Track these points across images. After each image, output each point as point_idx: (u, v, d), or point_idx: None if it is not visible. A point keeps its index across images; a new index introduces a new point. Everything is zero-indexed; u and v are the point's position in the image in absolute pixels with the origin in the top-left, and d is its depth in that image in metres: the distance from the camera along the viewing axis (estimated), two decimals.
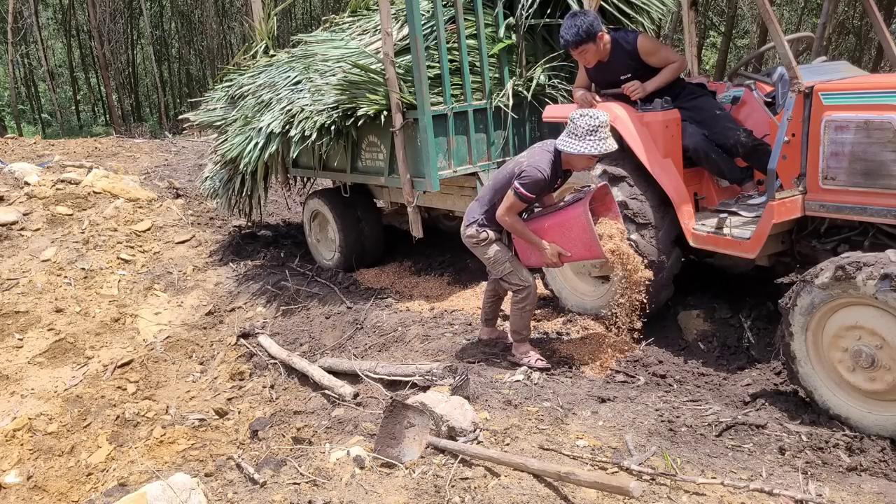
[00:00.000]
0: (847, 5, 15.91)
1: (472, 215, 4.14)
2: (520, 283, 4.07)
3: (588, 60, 4.31)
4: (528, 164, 3.82)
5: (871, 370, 3.00)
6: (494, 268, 4.15)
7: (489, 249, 4.09)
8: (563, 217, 3.87)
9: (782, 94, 3.86)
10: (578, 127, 3.67)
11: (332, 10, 20.16)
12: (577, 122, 3.68)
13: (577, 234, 3.79)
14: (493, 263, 4.13)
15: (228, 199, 7.16)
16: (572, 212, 3.83)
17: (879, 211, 3.26)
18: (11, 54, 22.23)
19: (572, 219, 3.81)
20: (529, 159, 3.86)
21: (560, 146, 3.78)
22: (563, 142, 3.75)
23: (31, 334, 6.10)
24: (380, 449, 3.13)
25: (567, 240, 3.85)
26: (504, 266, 4.07)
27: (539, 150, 3.93)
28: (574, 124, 3.69)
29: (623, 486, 2.46)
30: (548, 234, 3.90)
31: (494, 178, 4.14)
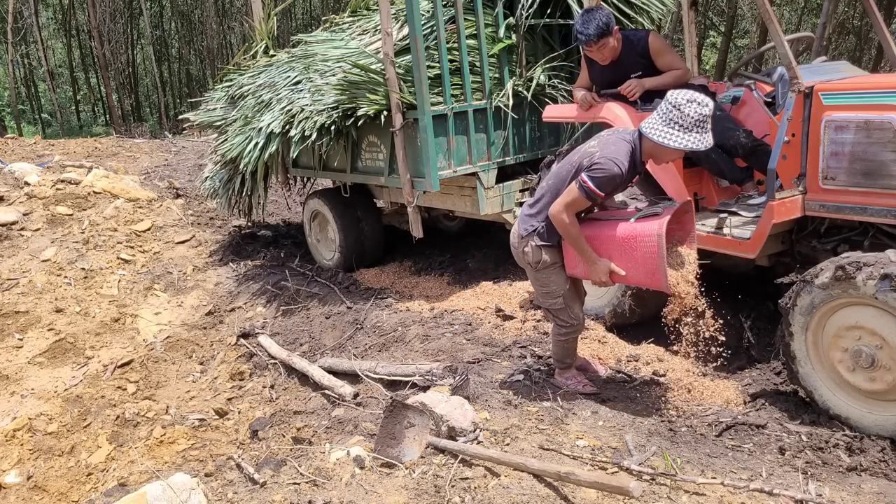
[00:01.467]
0: (847, 5, 15.92)
1: (528, 224, 3.43)
2: (568, 322, 3.53)
3: (605, 56, 4.27)
4: (602, 154, 3.13)
5: (871, 370, 3.00)
6: (544, 298, 3.55)
7: (545, 276, 3.44)
8: (631, 232, 3.19)
9: (782, 94, 3.86)
10: (686, 115, 2.98)
11: (332, 10, 20.16)
12: (684, 109, 2.98)
13: (641, 255, 3.16)
14: (545, 294, 3.51)
15: (228, 199, 7.17)
16: (644, 229, 3.15)
17: (879, 211, 3.26)
18: (11, 54, 22.23)
19: (642, 237, 3.14)
20: (603, 149, 3.16)
21: (654, 135, 3.07)
22: (660, 131, 3.05)
23: (31, 334, 6.10)
24: (380, 449, 3.13)
25: (627, 258, 3.20)
26: (557, 300, 3.49)
27: (615, 138, 3.23)
28: (679, 111, 2.99)
29: (623, 486, 2.46)
30: (604, 245, 3.26)
31: (555, 174, 3.39)
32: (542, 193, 3.41)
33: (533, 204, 3.47)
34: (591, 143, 3.31)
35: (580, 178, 3.14)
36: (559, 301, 3.49)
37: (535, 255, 3.39)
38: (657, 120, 3.09)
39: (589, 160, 3.16)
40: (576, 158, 3.29)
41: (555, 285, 3.46)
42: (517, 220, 3.53)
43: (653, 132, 3.08)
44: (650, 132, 3.09)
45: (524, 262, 3.48)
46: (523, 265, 3.53)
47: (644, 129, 3.13)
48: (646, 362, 4.03)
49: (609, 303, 4.41)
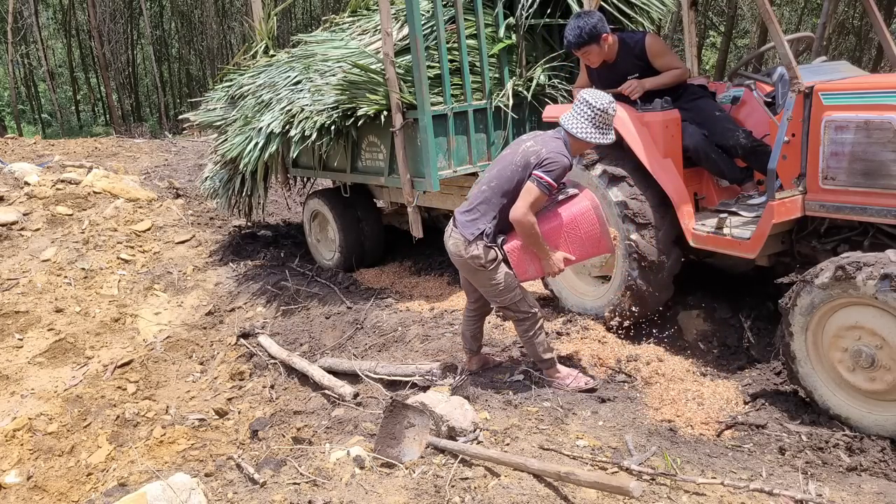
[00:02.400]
0: (847, 5, 15.92)
1: (473, 228, 3.46)
2: (529, 310, 3.59)
3: (592, 61, 4.30)
4: (550, 150, 3.36)
5: (871, 370, 3.00)
6: (501, 295, 3.55)
7: (497, 274, 3.48)
8: (570, 216, 3.46)
9: (782, 94, 3.85)
10: (610, 116, 3.41)
11: (332, 10, 20.16)
12: (611, 112, 3.41)
13: (585, 231, 3.45)
14: (503, 290, 3.52)
15: (228, 199, 7.16)
16: (580, 208, 3.46)
17: (879, 211, 3.26)
18: (11, 54, 22.23)
19: (581, 215, 3.44)
20: (546, 146, 3.40)
21: (587, 136, 3.41)
22: (589, 133, 3.41)
23: (31, 334, 6.10)
24: (380, 449, 3.13)
25: (573, 239, 3.47)
26: (515, 293, 3.54)
27: (550, 136, 3.49)
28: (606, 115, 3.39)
29: (623, 486, 2.46)
30: (551, 238, 3.47)
31: (497, 177, 3.49)
32: (483, 198, 3.50)
33: (471, 209, 3.53)
34: (527, 143, 3.49)
35: (535, 175, 3.32)
36: (517, 292, 3.56)
37: (486, 253, 3.45)
38: (585, 123, 3.41)
39: (537, 158, 3.36)
40: (518, 160, 3.43)
41: (509, 277, 3.53)
42: (455, 227, 3.53)
43: (586, 135, 3.42)
44: (585, 136, 3.42)
45: (474, 265, 3.47)
46: (472, 269, 3.52)
47: (575, 132, 3.43)
48: (646, 362, 4.02)
49: (609, 303, 4.41)
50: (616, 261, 4.32)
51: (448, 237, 3.57)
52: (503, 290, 3.52)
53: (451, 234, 3.56)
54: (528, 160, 3.39)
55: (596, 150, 4.36)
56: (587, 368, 4.01)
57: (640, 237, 4.08)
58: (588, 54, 4.23)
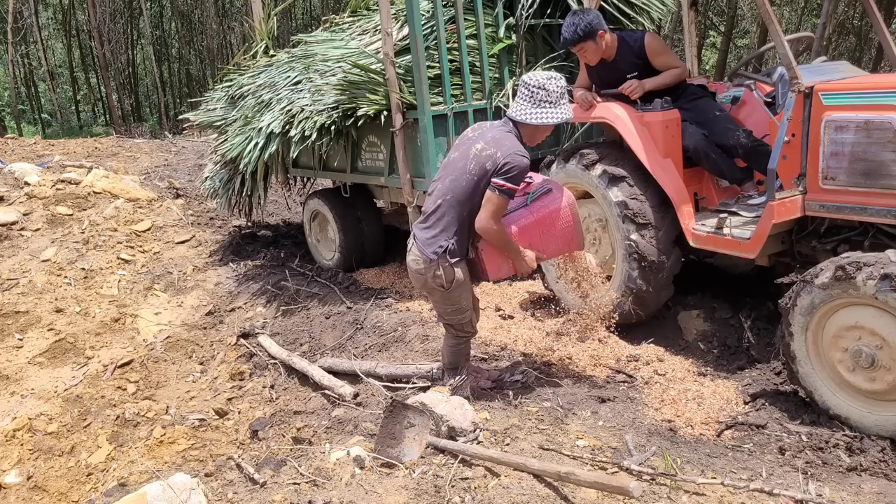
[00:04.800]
0: (847, 5, 15.91)
1: (433, 246, 3.30)
2: (471, 332, 3.61)
3: (589, 59, 4.31)
4: (505, 153, 3.16)
5: (871, 370, 3.00)
6: (452, 315, 3.47)
7: (456, 294, 3.38)
8: (545, 213, 3.40)
9: (782, 94, 3.86)
10: (552, 92, 3.22)
11: (332, 10, 20.15)
12: (549, 87, 3.21)
13: (560, 228, 3.42)
14: (454, 311, 3.45)
15: (228, 199, 7.16)
16: (554, 205, 3.41)
17: (879, 211, 3.26)
18: (11, 54, 22.24)
19: (556, 212, 3.40)
20: (500, 148, 3.19)
21: (531, 119, 3.25)
22: (535, 114, 3.24)
23: (31, 334, 6.10)
24: (380, 449, 3.13)
25: (546, 237, 3.43)
26: (465, 315, 3.48)
27: (500, 134, 3.28)
28: (545, 90, 3.21)
29: (623, 486, 2.46)
30: (524, 235, 3.39)
31: (450, 189, 3.29)
32: (440, 213, 3.31)
33: (430, 226, 3.34)
34: (477, 146, 3.26)
35: (494, 183, 3.15)
36: (467, 315, 3.49)
37: (448, 274, 3.29)
38: (526, 105, 3.25)
39: (493, 163, 3.17)
40: (472, 167, 3.23)
41: (464, 301, 3.44)
42: (415, 245, 3.38)
43: (529, 117, 3.25)
44: (527, 118, 3.25)
45: (433, 285, 3.33)
46: (431, 288, 3.38)
47: (518, 117, 3.27)
48: (646, 362, 4.03)
49: (609, 302, 4.41)
50: (616, 261, 4.32)
51: (408, 252, 3.44)
52: (455, 311, 3.46)
53: (410, 249, 3.42)
54: (484, 167, 3.20)
55: (595, 148, 4.36)
56: (586, 368, 4.02)
57: (640, 237, 4.08)
58: (584, 51, 4.23)
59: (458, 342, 3.63)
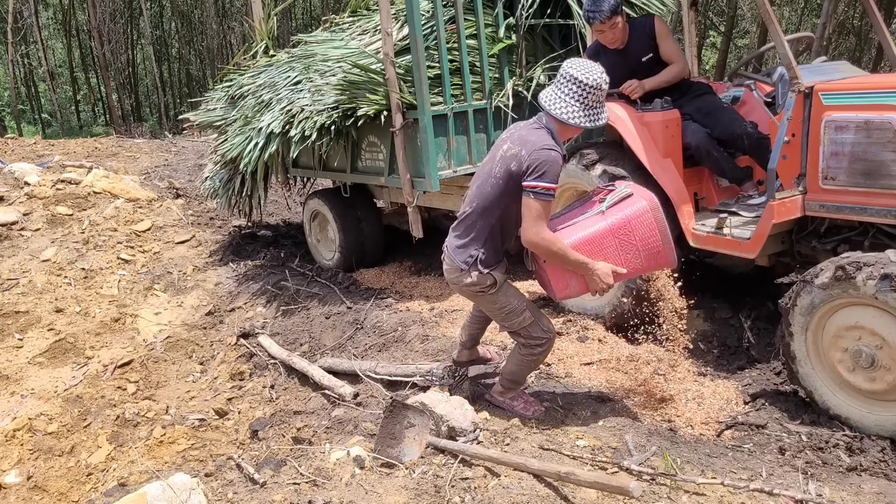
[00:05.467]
0: (847, 5, 15.91)
1: (464, 255, 3.08)
2: (543, 336, 3.16)
3: (615, 37, 4.28)
4: (532, 150, 2.86)
5: (871, 370, 3.00)
6: (509, 319, 3.14)
7: (500, 297, 3.10)
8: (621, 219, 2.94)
9: (782, 94, 3.86)
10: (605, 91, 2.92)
11: (332, 10, 20.15)
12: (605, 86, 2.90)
13: (640, 238, 2.94)
14: (508, 314, 3.12)
15: (228, 199, 7.16)
16: (635, 210, 2.94)
17: (879, 211, 3.26)
18: (11, 54, 22.24)
19: (636, 218, 2.92)
20: (526, 146, 2.90)
21: (583, 121, 2.90)
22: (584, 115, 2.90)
23: (31, 334, 6.10)
24: (380, 449, 3.13)
25: (624, 249, 2.95)
26: (524, 317, 3.11)
27: (528, 130, 2.99)
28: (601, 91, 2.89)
29: (623, 486, 2.46)
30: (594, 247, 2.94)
31: (478, 196, 3.07)
32: (469, 221, 3.11)
33: (460, 234, 3.14)
34: (504, 147, 3.01)
35: (527, 187, 2.84)
36: (526, 316, 3.13)
37: (483, 279, 3.06)
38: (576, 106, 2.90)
39: (518, 164, 2.89)
40: (498, 171, 2.98)
41: (515, 300, 3.14)
42: (448, 251, 3.18)
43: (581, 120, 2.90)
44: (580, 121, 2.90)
45: (471, 291, 3.13)
46: (471, 294, 3.17)
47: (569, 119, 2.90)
48: (646, 362, 4.02)
49: (609, 303, 4.41)
50: None
51: (443, 258, 3.25)
52: (509, 314, 3.13)
53: (444, 257, 3.24)
54: (509, 168, 2.92)
55: (595, 148, 4.36)
56: (588, 369, 4.02)
57: None
58: (614, 27, 4.22)
59: (534, 352, 3.20)
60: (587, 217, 3.02)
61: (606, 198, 3.04)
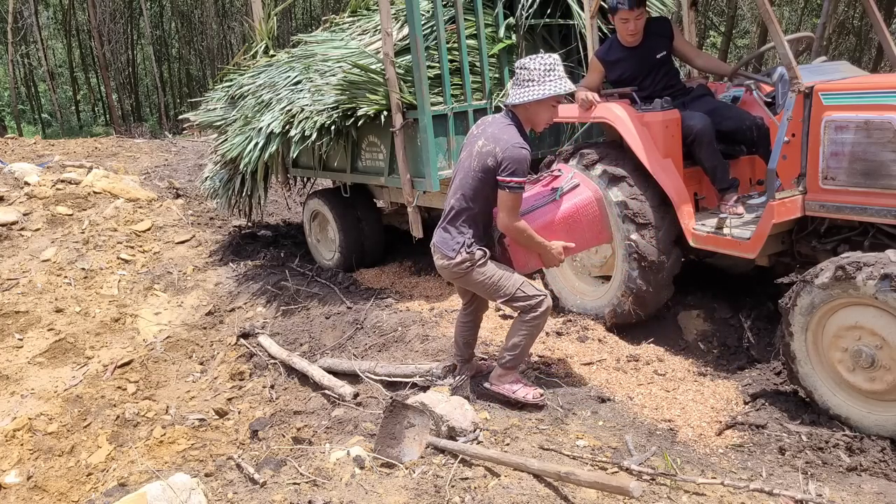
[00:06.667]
0: (847, 5, 15.91)
1: (452, 243, 3.37)
2: (538, 294, 3.40)
3: (636, 29, 4.29)
4: (503, 147, 3.18)
5: (871, 370, 3.00)
6: (501, 286, 3.36)
7: (486, 269, 3.36)
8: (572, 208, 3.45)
9: (782, 94, 3.86)
10: (533, 70, 3.20)
11: (332, 10, 20.15)
12: (530, 66, 3.21)
13: (587, 222, 3.48)
14: (499, 281, 3.35)
15: (228, 199, 7.16)
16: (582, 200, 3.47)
17: (879, 211, 3.26)
18: (11, 54, 22.24)
19: (583, 207, 3.46)
20: (498, 143, 3.22)
21: (518, 99, 3.24)
22: (521, 94, 3.24)
23: (31, 334, 6.10)
24: (380, 449, 3.13)
25: (573, 230, 3.47)
26: (514, 279, 3.37)
27: (499, 126, 3.30)
28: (526, 69, 3.22)
29: (623, 486, 2.46)
30: (550, 230, 3.41)
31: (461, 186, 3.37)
32: (454, 213, 3.38)
33: (445, 225, 3.42)
34: (479, 142, 3.31)
35: (501, 181, 3.18)
36: (516, 278, 3.38)
37: (471, 255, 3.33)
38: (514, 88, 3.29)
39: (494, 160, 3.21)
40: (475, 165, 3.29)
41: (501, 269, 3.39)
42: (437, 246, 3.43)
43: (518, 97, 3.25)
44: (515, 99, 3.26)
45: (462, 270, 3.35)
46: (462, 275, 3.39)
47: (508, 100, 3.32)
48: (646, 362, 4.03)
49: (609, 303, 4.41)
50: (616, 261, 4.32)
51: (433, 252, 3.50)
52: (499, 280, 3.35)
53: (434, 253, 3.49)
54: (486, 163, 3.24)
55: (595, 148, 4.35)
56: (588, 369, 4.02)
57: (640, 237, 4.08)
58: (639, 18, 4.24)
59: (534, 314, 3.38)
60: (544, 206, 3.48)
61: (558, 186, 3.52)
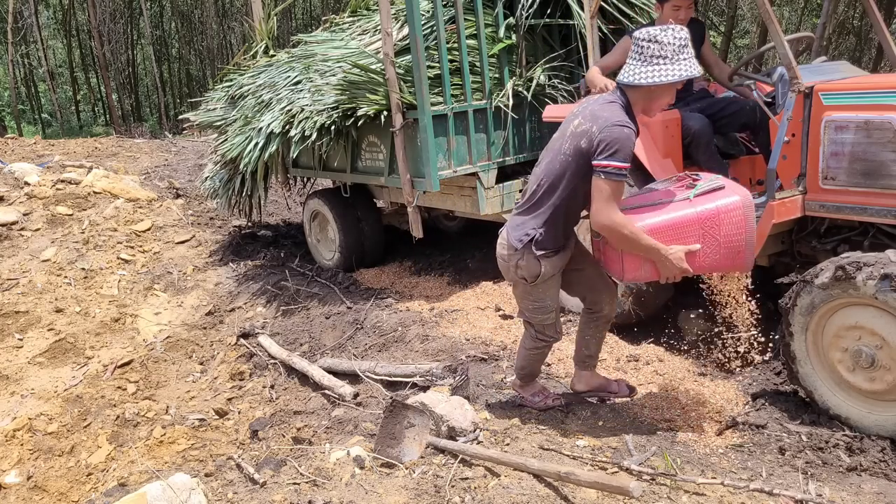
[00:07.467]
0: (847, 5, 15.91)
1: (522, 234, 2.95)
2: (553, 336, 3.26)
3: (686, 18, 4.23)
4: (602, 127, 2.69)
5: (870, 370, 3.00)
6: (535, 314, 3.13)
7: (541, 291, 3.03)
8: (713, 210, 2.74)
9: (782, 94, 3.86)
10: (666, 45, 2.64)
11: (332, 10, 20.15)
12: (662, 39, 2.64)
13: (725, 234, 2.75)
14: (537, 310, 3.09)
15: (228, 199, 7.17)
16: (727, 203, 2.75)
17: (879, 211, 3.26)
18: (11, 54, 22.23)
19: (726, 213, 2.73)
20: (597, 122, 2.72)
21: (643, 79, 2.68)
22: (650, 72, 2.66)
23: (31, 334, 6.10)
24: (380, 449, 3.13)
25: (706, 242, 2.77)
26: (549, 316, 3.13)
27: (600, 105, 2.81)
28: (658, 43, 2.64)
29: (623, 486, 2.46)
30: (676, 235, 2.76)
31: (547, 171, 2.92)
32: (535, 199, 2.97)
33: (521, 211, 3.03)
34: (575, 122, 2.84)
35: (597, 166, 2.67)
36: (551, 316, 3.14)
37: (532, 268, 2.95)
38: (635, 64, 2.72)
39: (589, 142, 2.72)
40: (567, 147, 2.83)
41: (550, 300, 3.08)
42: (506, 230, 3.08)
43: (638, 77, 2.69)
44: (636, 78, 2.70)
45: (516, 276, 3.02)
46: (513, 279, 3.09)
47: (628, 79, 2.73)
48: (646, 362, 4.03)
49: None
50: None
51: (499, 236, 3.13)
52: (538, 309, 3.11)
53: (500, 233, 3.12)
54: (579, 146, 2.75)
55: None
56: None
57: None
58: (690, 7, 4.18)
59: (537, 345, 3.28)
60: (663, 202, 2.83)
61: (696, 185, 2.86)
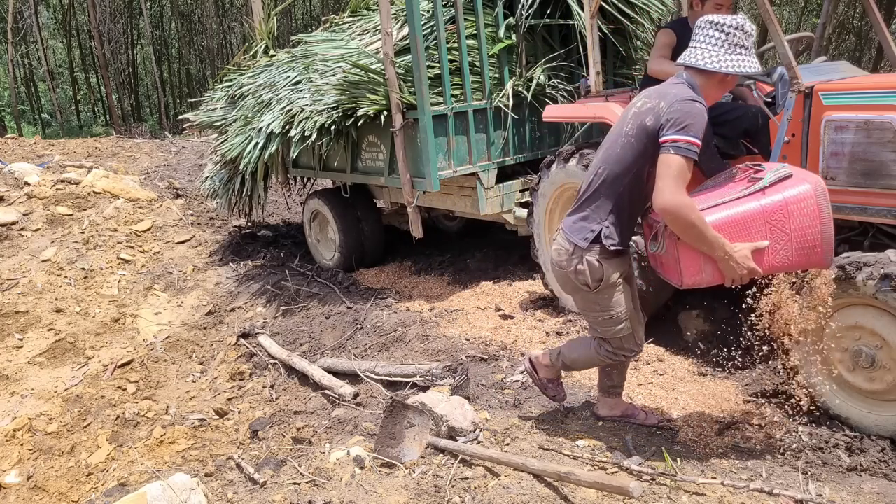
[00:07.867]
0: (847, 5, 15.92)
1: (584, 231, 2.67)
2: (634, 350, 2.86)
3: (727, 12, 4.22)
4: (672, 101, 2.47)
5: (870, 370, 3.00)
6: (605, 325, 2.76)
7: (606, 297, 2.69)
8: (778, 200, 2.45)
9: (782, 94, 3.86)
10: (750, 36, 2.50)
11: (332, 10, 20.15)
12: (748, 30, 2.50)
13: (796, 227, 2.46)
14: (607, 320, 2.74)
15: (228, 199, 7.17)
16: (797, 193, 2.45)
17: (879, 211, 3.26)
18: (11, 54, 22.24)
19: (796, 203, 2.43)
20: (666, 98, 2.50)
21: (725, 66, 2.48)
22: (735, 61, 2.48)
23: (31, 334, 6.10)
24: (380, 449, 3.13)
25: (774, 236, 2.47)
26: (622, 327, 2.74)
27: (668, 85, 2.61)
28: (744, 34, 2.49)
29: (623, 486, 2.45)
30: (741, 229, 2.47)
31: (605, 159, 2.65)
32: (592, 190, 2.68)
33: (578, 208, 2.73)
34: (637, 105, 2.62)
35: (667, 142, 2.40)
36: (625, 326, 2.76)
37: (594, 272, 2.65)
38: (717, 50, 2.50)
39: (656, 119, 2.47)
40: (629, 129, 2.58)
41: (620, 307, 2.72)
42: (564, 231, 2.78)
43: (724, 64, 2.48)
44: (721, 66, 2.48)
45: (577, 283, 2.71)
46: (573, 286, 2.76)
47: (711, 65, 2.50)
48: (646, 362, 4.03)
49: None
50: None
51: (553, 242, 2.86)
52: (607, 319, 2.74)
53: (555, 239, 2.84)
54: (644, 124, 2.51)
55: (595, 148, 4.35)
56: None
57: (640, 237, 4.08)
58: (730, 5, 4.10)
59: (614, 356, 2.87)
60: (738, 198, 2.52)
61: (765, 176, 2.55)
